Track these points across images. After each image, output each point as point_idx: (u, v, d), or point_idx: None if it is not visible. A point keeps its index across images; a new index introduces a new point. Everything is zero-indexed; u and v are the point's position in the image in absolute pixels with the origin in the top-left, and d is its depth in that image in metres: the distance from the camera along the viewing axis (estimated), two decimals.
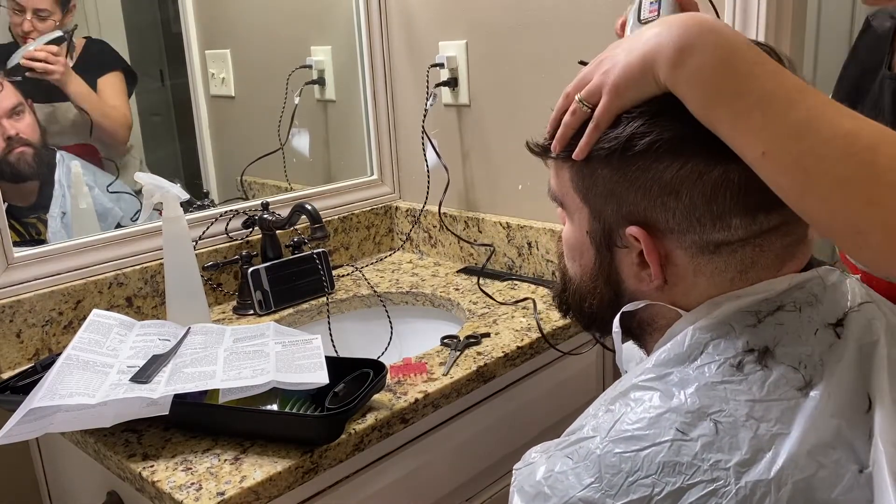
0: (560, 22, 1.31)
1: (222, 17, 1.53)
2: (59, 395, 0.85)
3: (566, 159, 0.65)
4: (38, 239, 1.25)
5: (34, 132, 1.25)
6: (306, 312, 1.37)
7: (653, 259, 0.61)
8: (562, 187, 0.67)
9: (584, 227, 0.66)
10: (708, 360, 0.58)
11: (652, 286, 0.63)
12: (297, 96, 1.57)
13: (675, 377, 0.58)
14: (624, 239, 0.63)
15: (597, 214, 0.64)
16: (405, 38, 1.57)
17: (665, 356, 0.60)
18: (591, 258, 0.66)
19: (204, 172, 1.50)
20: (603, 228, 0.64)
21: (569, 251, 0.70)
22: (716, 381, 0.56)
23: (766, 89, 0.54)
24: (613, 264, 0.65)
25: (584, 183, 0.64)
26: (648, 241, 0.61)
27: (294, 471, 0.87)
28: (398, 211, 1.65)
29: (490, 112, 1.47)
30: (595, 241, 0.65)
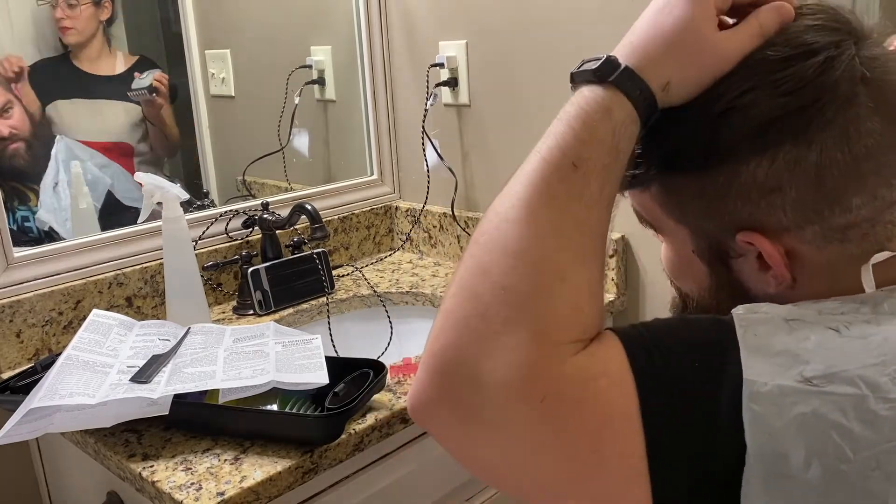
0: (560, 22, 1.31)
1: (222, 17, 1.53)
2: (59, 395, 0.85)
3: (641, 187, 0.59)
4: (27, 206, 1.26)
5: (24, 124, 1.25)
6: (306, 312, 1.37)
7: (775, 261, 0.54)
8: (650, 212, 0.60)
9: (687, 246, 0.59)
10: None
11: (780, 287, 0.56)
12: (297, 96, 1.57)
13: None
14: (737, 248, 0.56)
15: (699, 232, 0.58)
16: (405, 38, 1.57)
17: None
18: (705, 274, 0.60)
19: (204, 172, 1.50)
20: (710, 244, 0.58)
21: (677, 272, 0.63)
22: None
23: None
24: (734, 276, 0.58)
25: (674, 206, 0.58)
26: (765, 243, 0.54)
27: (294, 471, 0.87)
28: (398, 211, 1.65)
29: (490, 112, 1.47)
30: (705, 258, 0.59)
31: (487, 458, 0.50)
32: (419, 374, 0.51)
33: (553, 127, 0.53)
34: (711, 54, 0.53)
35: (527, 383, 0.47)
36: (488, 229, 0.52)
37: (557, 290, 0.49)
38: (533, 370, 0.47)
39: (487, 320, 0.49)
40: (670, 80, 0.53)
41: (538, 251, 0.50)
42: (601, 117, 0.52)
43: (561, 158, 0.51)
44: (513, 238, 0.50)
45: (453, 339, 0.50)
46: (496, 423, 0.48)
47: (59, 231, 1.27)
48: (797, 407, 0.45)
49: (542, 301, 0.49)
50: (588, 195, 0.51)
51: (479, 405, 0.48)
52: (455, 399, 0.49)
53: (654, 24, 0.54)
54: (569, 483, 0.48)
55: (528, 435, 0.47)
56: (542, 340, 0.48)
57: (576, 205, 0.51)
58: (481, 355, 0.48)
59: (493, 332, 0.48)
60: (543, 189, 0.51)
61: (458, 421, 0.49)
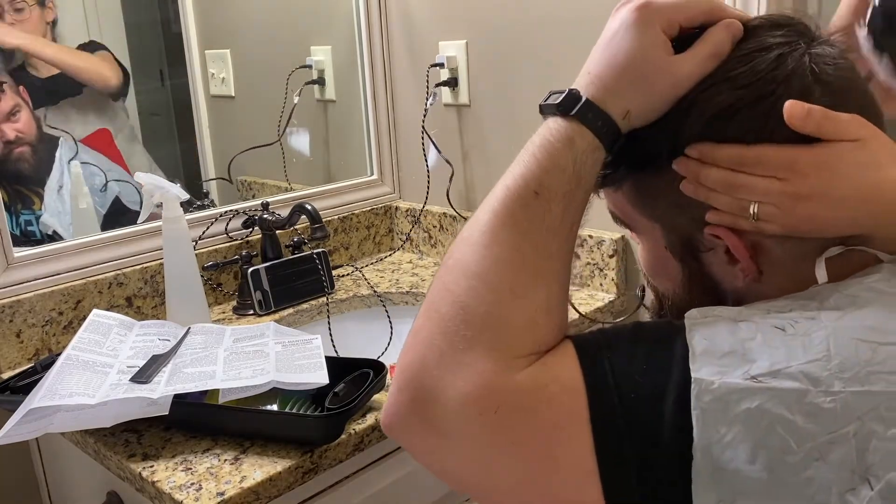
0: (560, 21, 1.31)
1: (222, 17, 1.53)
2: (59, 395, 0.85)
3: (614, 186, 0.62)
4: (31, 210, 1.26)
5: (31, 128, 1.25)
6: (306, 312, 1.37)
7: (741, 253, 0.57)
8: (623, 212, 0.63)
9: (660, 242, 0.62)
10: None
11: (747, 280, 0.58)
12: (297, 96, 1.57)
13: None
14: (706, 242, 0.58)
15: (670, 227, 0.60)
16: (405, 38, 1.57)
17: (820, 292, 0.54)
18: (678, 270, 0.62)
19: (204, 172, 1.50)
20: (681, 239, 0.60)
21: (652, 270, 0.66)
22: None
23: None
24: (704, 270, 0.61)
25: (645, 203, 0.61)
26: (731, 236, 0.56)
27: (294, 471, 0.87)
28: (398, 211, 1.65)
29: (490, 112, 1.47)
30: (677, 253, 0.61)
31: (453, 468, 0.54)
32: (390, 389, 0.55)
33: (519, 157, 0.57)
34: (666, 80, 0.55)
35: (482, 395, 0.50)
36: (454, 253, 0.56)
37: (512, 309, 0.52)
38: (487, 383, 0.50)
39: (448, 337, 0.52)
40: (630, 109, 0.56)
41: (495, 273, 0.53)
42: (563, 147, 0.55)
43: (524, 187, 0.55)
44: (473, 261, 0.54)
45: (418, 355, 0.53)
46: (457, 434, 0.51)
47: (62, 235, 1.27)
48: (743, 403, 0.46)
49: (496, 319, 0.52)
50: (549, 220, 0.54)
51: (441, 418, 0.51)
52: (420, 413, 0.52)
53: (608, 55, 0.57)
54: (527, 487, 0.51)
55: (486, 444, 0.50)
56: (497, 355, 0.51)
57: (536, 230, 0.54)
58: (443, 371, 0.51)
59: (453, 349, 0.52)
60: (506, 215, 0.55)
61: (424, 433, 0.53)
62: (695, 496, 0.46)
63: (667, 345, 0.51)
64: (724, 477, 0.46)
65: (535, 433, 0.50)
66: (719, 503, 0.46)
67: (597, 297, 1.30)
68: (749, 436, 0.46)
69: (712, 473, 0.46)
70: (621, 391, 0.49)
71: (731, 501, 0.46)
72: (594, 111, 0.55)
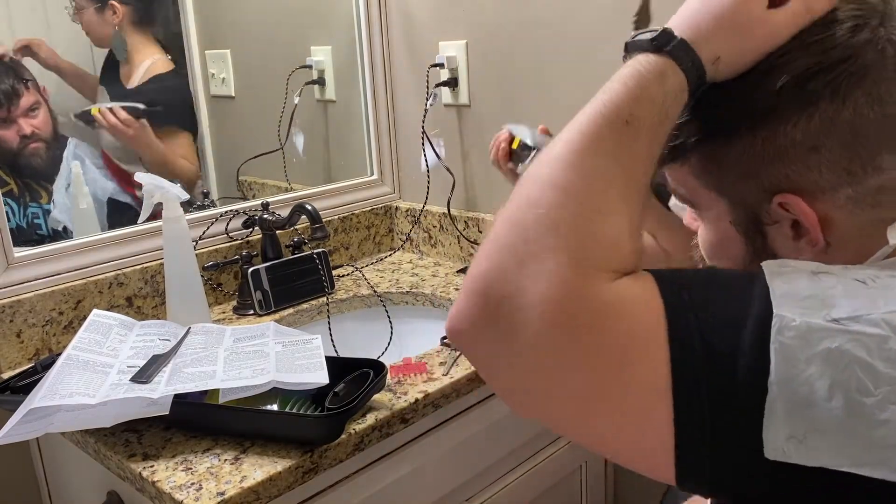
0: (560, 21, 1.31)
1: (222, 17, 1.53)
2: (60, 395, 0.86)
3: (680, 160, 0.61)
4: (38, 203, 1.27)
5: (47, 125, 1.27)
6: (306, 312, 1.37)
7: (811, 222, 0.56)
8: (688, 187, 0.63)
9: (725, 218, 0.62)
10: None
11: (814, 252, 0.58)
12: (297, 96, 1.57)
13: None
14: (772, 214, 0.58)
15: (737, 201, 0.60)
16: (405, 38, 1.57)
17: None
18: (742, 247, 0.62)
19: (204, 172, 1.50)
20: (747, 212, 0.60)
21: (714, 249, 0.65)
22: None
23: None
24: (767, 245, 0.60)
25: (712, 176, 0.60)
26: (802, 204, 0.56)
27: (294, 471, 0.87)
28: (398, 211, 1.65)
29: (490, 112, 1.47)
30: (742, 227, 0.61)
31: (522, 377, 0.52)
32: (460, 296, 0.54)
33: (607, 85, 0.56)
34: (761, 30, 0.56)
35: (563, 302, 0.49)
36: (539, 169, 0.55)
37: (599, 224, 0.52)
38: (569, 290, 0.50)
39: (530, 245, 0.51)
40: (721, 55, 0.56)
41: (584, 189, 0.53)
42: (655, 80, 0.55)
43: (615, 113, 0.54)
44: (562, 176, 0.53)
45: (496, 262, 0.52)
46: (531, 341, 0.50)
47: (73, 230, 1.29)
48: (824, 342, 0.47)
49: (583, 231, 0.52)
50: (636, 148, 0.54)
51: (516, 324, 0.50)
52: (493, 318, 0.51)
53: (705, 2, 0.57)
54: (595, 400, 0.50)
55: (560, 352, 0.50)
56: (580, 265, 0.50)
57: (624, 155, 0.54)
58: (522, 277, 0.51)
59: (534, 256, 0.51)
60: (595, 137, 0.54)
61: (496, 339, 0.51)
62: (765, 430, 0.46)
63: (745, 282, 0.51)
64: (799, 412, 0.46)
65: (611, 346, 0.49)
66: (790, 438, 0.46)
67: None
68: (828, 374, 0.46)
69: (787, 408, 0.46)
70: (700, 316, 0.49)
71: (802, 437, 0.46)
72: (688, 51, 0.56)
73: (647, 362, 0.49)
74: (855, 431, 0.46)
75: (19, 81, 1.22)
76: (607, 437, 0.52)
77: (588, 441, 0.54)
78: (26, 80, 1.23)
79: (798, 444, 0.46)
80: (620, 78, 0.56)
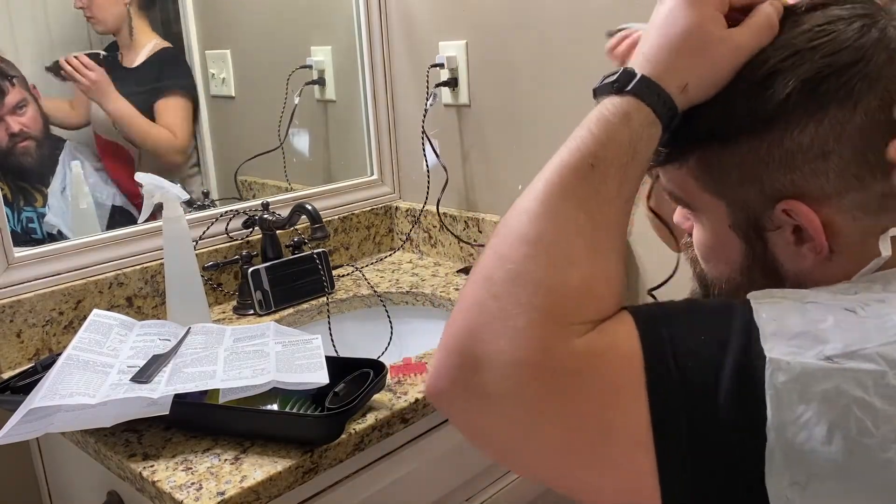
0: (560, 21, 1.31)
1: (222, 17, 1.53)
2: (60, 395, 0.86)
3: (678, 162, 0.60)
4: (32, 207, 1.27)
5: (37, 123, 1.26)
6: (306, 312, 1.37)
7: (815, 228, 0.55)
8: (685, 190, 0.61)
9: (723, 221, 0.60)
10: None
11: (817, 259, 0.56)
12: (297, 96, 1.57)
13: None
14: (774, 220, 0.57)
15: (737, 205, 0.58)
16: (405, 38, 1.57)
17: None
18: (740, 251, 0.60)
19: (204, 172, 1.50)
20: (748, 216, 0.58)
21: (710, 252, 0.64)
22: None
23: None
24: (768, 250, 0.59)
25: (712, 178, 0.59)
26: (806, 211, 0.55)
27: (294, 471, 0.87)
28: (398, 211, 1.65)
29: (490, 112, 1.47)
30: (742, 231, 0.59)
31: (500, 436, 0.52)
32: (436, 355, 0.53)
33: (574, 133, 0.56)
34: (724, 49, 0.55)
35: (537, 360, 0.49)
36: (508, 222, 0.55)
37: (569, 275, 0.51)
38: (543, 347, 0.49)
39: (501, 302, 0.51)
40: (688, 82, 0.56)
41: (552, 240, 0.52)
42: (619, 122, 0.55)
43: (579, 159, 0.54)
44: (530, 229, 0.53)
45: (469, 321, 0.52)
46: (508, 399, 0.50)
47: (68, 234, 1.28)
48: (819, 384, 0.45)
49: (553, 284, 0.51)
50: (605, 192, 0.54)
51: (492, 382, 0.50)
52: (469, 378, 0.51)
53: (663, 33, 0.57)
54: (577, 454, 0.50)
55: (539, 409, 0.49)
56: (553, 320, 0.50)
57: (592, 201, 0.54)
58: (494, 334, 0.50)
59: (505, 313, 0.50)
60: (562, 186, 0.54)
61: (472, 400, 0.51)
62: (767, 478, 0.45)
63: (724, 316, 0.50)
64: (799, 458, 0.45)
65: (590, 398, 0.49)
66: (793, 485, 0.45)
67: None
68: (825, 417, 0.45)
69: (786, 454, 0.45)
70: (679, 360, 0.48)
71: (804, 483, 0.45)
72: (651, 86, 0.55)
73: (626, 414, 0.48)
74: (858, 474, 0.45)
75: (3, 78, 1.20)
76: (592, 489, 0.51)
77: (573, 493, 0.53)
78: (11, 77, 1.21)
79: (802, 490, 0.45)
80: (586, 124, 0.56)
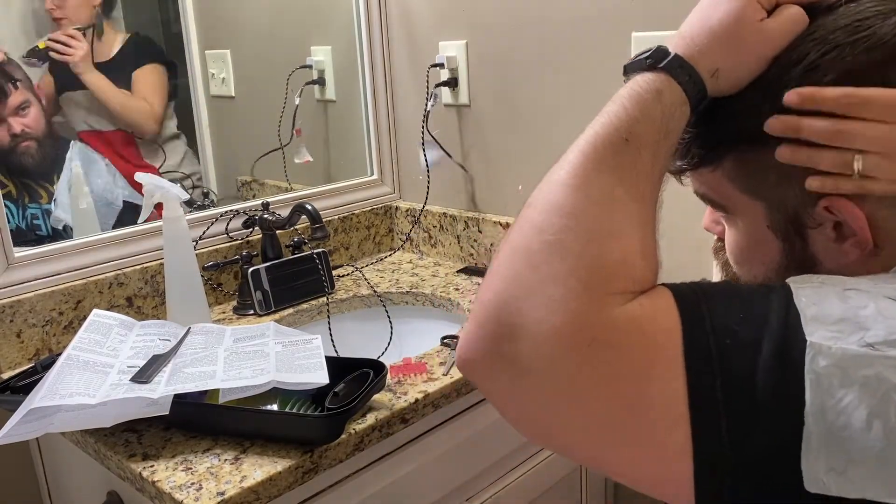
0: (560, 22, 1.31)
1: (222, 17, 1.53)
2: (60, 395, 0.86)
3: (713, 164, 0.59)
4: (38, 203, 1.28)
5: (39, 124, 1.27)
6: (306, 312, 1.37)
7: (860, 224, 0.54)
8: (719, 192, 0.61)
9: (761, 222, 0.59)
10: None
11: (860, 255, 0.56)
12: (298, 96, 1.57)
13: None
14: (816, 217, 0.56)
15: (776, 204, 0.58)
16: (405, 38, 1.57)
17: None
18: (779, 251, 0.60)
19: (204, 172, 1.50)
20: (787, 216, 0.58)
21: (745, 254, 0.63)
22: None
23: None
24: (807, 249, 0.58)
25: (749, 179, 0.58)
26: (850, 206, 0.54)
27: (294, 471, 0.87)
28: (398, 211, 1.65)
29: (490, 112, 1.47)
30: (780, 231, 0.59)
31: (535, 409, 0.51)
32: (468, 326, 0.53)
33: (606, 107, 0.56)
34: (757, 39, 0.56)
35: (574, 329, 0.48)
36: (542, 194, 0.54)
37: (607, 246, 0.51)
38: (580, 317, 0.49)
39: (538, 272, 0.51)
40: (719, 67, 0.56)
41: (590, 212, 0.52)
42: (652, 98, 0.55)
43: (614, 133, 0.54)
44: (566, 200, 0.53)
45: (503, 289, 0.51)
46: (545, 370, 0.49)
47: (75, 229, 1.29)
48: (860, 370, 0.45)
49: (591, 254, 0.51)
50: (639, 166, 0.54)
51: (528, 353, 0.49)
52: (504, 348, 0.50)
53: (703, 17, 0.58)
54: (612, 428, 0.49)
55: (575, 380, 0.49)
56: (591, 290, 0.49)
57: (628, 174, 0.54)
58: (531, 304, 0.50)
59: (542, 283, 0.50)
60: (597, 159, 0.54)
61: (506, 370, 0.50)
62: (804, 461, 0.45)
63: (763, 297, 0.50)
64: (837, 443, 0.45)
65: (628, 370, 0.48)
66: (829, 471, 0.45)
67: None
68: (865, 403, 0.44)
69: (825, 439, 0.45)
70: (717, 337, 0.48)
71: (842, 469, 0.45)
72: (683, 66, 0.56)
73: (663, 388, 0.48)
74: (895, 462, 0.44)
75: (7, 81, 1.22)
76: (626, 466, 0.51)
77: (608, 470, 0.52)
78: (15, 80, 1.22)
79: (838, 476, 0.45)
80: (618, 99, 0.56)
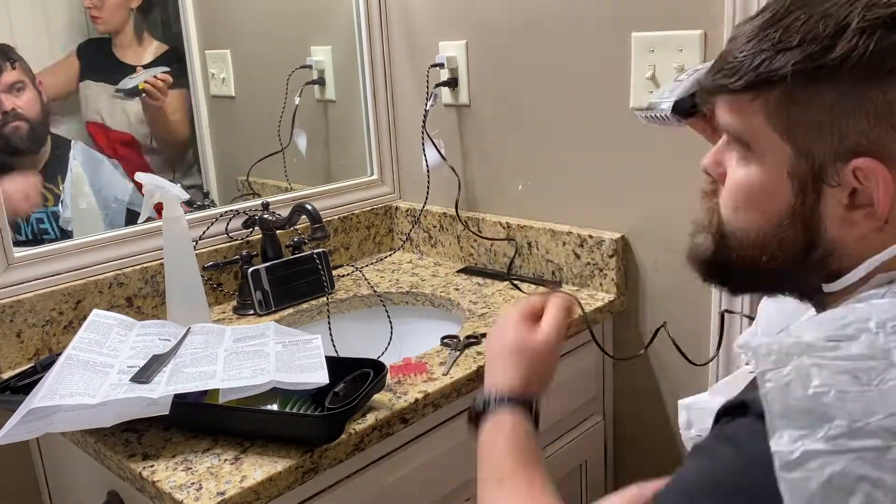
0: (560, 22, 1.31)
1: (222, 17, 1.53)
2: (60, 395, 0.86)
3: (757, 91, 0.56)
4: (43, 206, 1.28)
5: (33, 109, 1.26)
6: (306, 312, 1.37)
7: (887, 191, 0.52)
8: (748, 125, 0.57)
9: (782, 167, 0.56)
10: None
11: (866, 227, 0.55)
12: (298, 96, 1.57)
13: None
14: (839, 176, 0.54)
15: (804, 151, 0.55)
16: (405, 38, 1.57)
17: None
18: (787, 202, 0.57)
19: (204, 172, 1.50)
20: (812, 166, 0.55)
21: (747, 198, 0.60)
22: None
23: None
24: (817, 207, 0.56)
25: (789, 118, 0.55)
26: (885, 174, 0.52)
27: (294, 471, 0.87)
28: (398, 211, 1.65)
29: (490, 112, 1.47)
30: (798, 181, 0.56)
31: None
32: None
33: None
34: (534, 351, 0.81)
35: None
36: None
37: None
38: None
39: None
40: (512, 383, 0.80)
41: None
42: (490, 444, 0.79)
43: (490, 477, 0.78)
44: None
45: None
46: None
47: (75, 229, 1.28)
48: (827, 468, 0.46)
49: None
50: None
51: None
52: None
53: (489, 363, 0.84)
54: None
55: None
56: None
57: None
58: None
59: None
60: None
61: None
62: None
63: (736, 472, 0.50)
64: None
65: None
66: None
67: (597, 297, 1.30)
68: (840, 499, 0.45)
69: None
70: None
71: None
72: (501, 403, 0.80)
73: None
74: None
75: (4, 59, 1.21)
76: None
77: None
78: (13, 60, 1.22)
79: None
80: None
